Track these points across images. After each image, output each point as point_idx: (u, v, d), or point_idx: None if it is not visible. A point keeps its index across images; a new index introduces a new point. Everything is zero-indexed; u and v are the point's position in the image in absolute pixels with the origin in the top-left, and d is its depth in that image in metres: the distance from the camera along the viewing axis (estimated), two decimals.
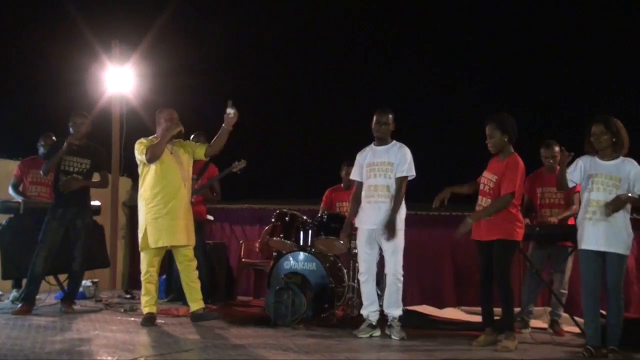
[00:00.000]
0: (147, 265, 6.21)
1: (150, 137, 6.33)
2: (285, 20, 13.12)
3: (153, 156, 6.11)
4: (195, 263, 6.36)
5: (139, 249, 6.25)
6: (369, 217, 6.05)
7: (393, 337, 5.85)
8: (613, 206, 5.14)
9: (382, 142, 6.14)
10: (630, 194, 5.18)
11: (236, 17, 13.09)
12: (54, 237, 6.76)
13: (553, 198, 6.64)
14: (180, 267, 6.35)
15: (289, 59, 13.37)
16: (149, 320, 6.07)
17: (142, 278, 6.24)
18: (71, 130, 6.89)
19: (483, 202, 5.69)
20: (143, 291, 6.24)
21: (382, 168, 6.06)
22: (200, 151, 6.38)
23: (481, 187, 5.76)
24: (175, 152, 6.28)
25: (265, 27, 13.21)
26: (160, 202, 6.12)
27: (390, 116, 6.13)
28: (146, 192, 6.20)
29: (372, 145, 6.21)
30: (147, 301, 6.22)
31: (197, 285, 6.35)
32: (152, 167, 6.17)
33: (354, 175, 6.29)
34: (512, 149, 5.68)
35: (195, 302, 6.32)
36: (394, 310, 5.96)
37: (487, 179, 5.70)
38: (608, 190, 5.23)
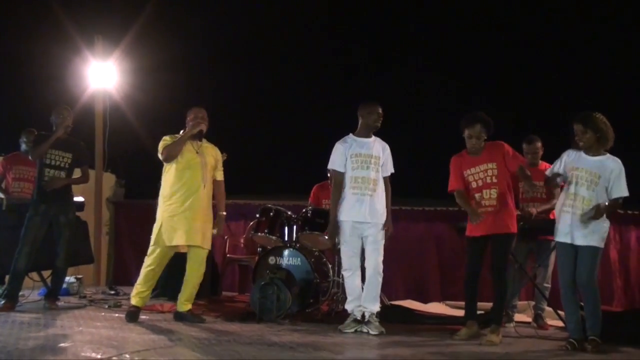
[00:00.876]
0: (154, 260, 6.12)
1: (177, 135, 6.22)
2: (269, 15, 13.12)
3: (168, 155, 6.07)
4: (203, 268, 6.26)
5: (151, 244, 6.17)
6: (354, 209, 5.96)
7: (371, 332, 5.78)
8: (592, 216, 5.21)
9: (368, 135, 6.13)
10: (607, 204, 5.26)
11: (219, 12, 13.06)
12: (37, 233, 6.72)
13: (535, 192, 6.68)
14: (189, 265, 6.21)
15: (274, 54, 13.37)
16: (133, 315, 6.02)
17: (144, 270, 6.14)
18: (55, 121, 6.83)
19: (486, 194, 5.69)
20: (140, 281, 6.15)
21: (371, 161, 6.02)
22: (219, 173, 6.40)
23: (476, 184, 5.76)
24: (202, 152, 6.18)
25: (248, 22, 13.20)
26: (178, 200, 6.05)
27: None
28: (165, 190, 6.15)
29: (352, 136, 6.14)
30: (139, 292, 6.13)
31: (196, 289, 6.26)
32: (174, 165, 6.10)
33: (338, 166, 6.08)
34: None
35: (185, 303, 6.21)
36: (372, 306, 5.92)
37: (483, 171, 5.72)
38: (586, 185, 5.29)
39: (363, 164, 6.01)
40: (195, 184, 6.07)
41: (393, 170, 6.14)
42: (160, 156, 6.16)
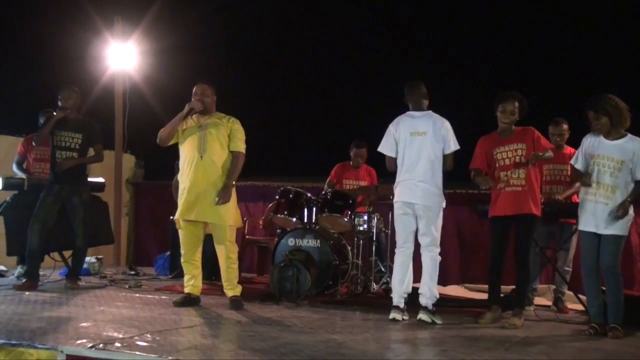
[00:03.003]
0: (181, 244, 6.04)
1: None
2: None
3: (159, 139, 6.00)
4: (235, 247, 6.01)
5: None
6: None
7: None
8: (621, 212, 5.15)
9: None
10: (629, 199, 5.20)
11: None
12: (48, 212, 6.75)
13: (558, 175, 6.64)
14: (216, 247, 5.99)
15: (296, 34, 13.29)
16: (180, 301, 5.93)
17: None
18: (59, 104, 6.86)
19: (514, 174, 5.62)
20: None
21: None
22: (233, 143, 6.00)
23: (504, 162, 5.67)
24: (207, 124, 5.97)
25: (269, 3, 13.13)
26: (182, 176, 5.97)
27: None
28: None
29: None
30: (185, 281, 6.06)
31: (226, 271, 5.96)
32: (180, 144, 6.04)
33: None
34: None
35: (226, 290, 6.03)
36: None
37: (512, 150, 5.66)
38: (609, 172, 5.22)
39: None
40: (192, 156, 5.89)
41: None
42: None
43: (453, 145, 5.68)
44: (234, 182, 5.96)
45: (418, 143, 5.67)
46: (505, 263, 5.76)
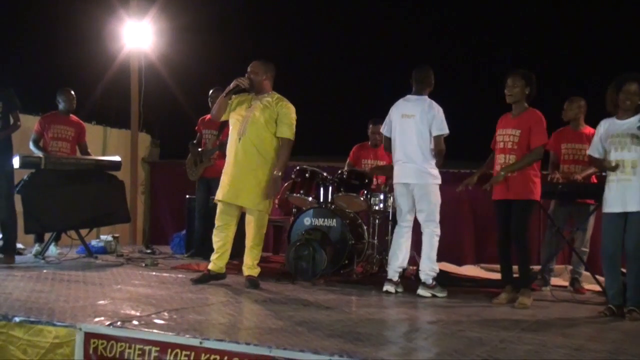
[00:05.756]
0: (216, 219, 5.97)
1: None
2: None
3: (212, 115, 6.04)
4: (262, 232, 5.94)
5: None
6: None
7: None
8: None
9: None
10: None
11: None
12: None
13: (577, 155, 6.57)
14: (246, 228, 5.95)
15: (311, 13, 13.21)
16: (198, 278, 5.93)
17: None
18: None
19: (506, 159, 5.63)
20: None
21: None
22: (279, 129, 5.83)
23: (500, 145, 5.70)
24: (254, 106, 5.84)
25: None
26: (226, 157, 5.96)
27: None
28: None
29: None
30: (212, 255, 6.02)
31: (250, 252, 5.93)
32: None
33: None
34: (526, 104, 5.68)
35: (245, 268, 5.98)
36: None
37: (509, 135, 5.64)
38: (627, 147, 5.15)
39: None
40: (233, 138, 5.85)
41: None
42: None
43: (435, 130, 5.92)
44: (280, 174, 5.82)
45: (407, 125, 5.99)
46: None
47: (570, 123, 6.65)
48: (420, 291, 5.86)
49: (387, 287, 5.94)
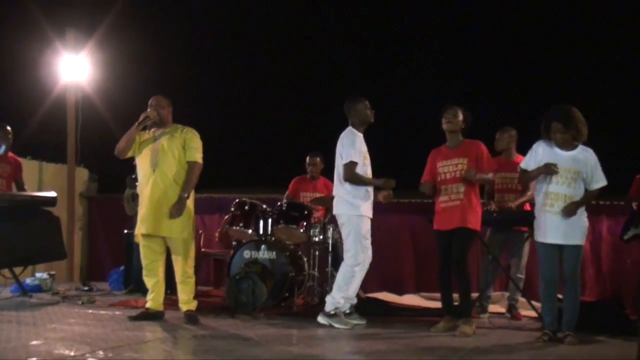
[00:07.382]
0: (142, 258, 5.92)
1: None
2: (242, 8, 13.04)
3: (116, 151, 5.92)
4: (192, 261, 5.92)
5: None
6: (370, 207, 6.12)
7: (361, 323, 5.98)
8: (573, 209, 5.25)
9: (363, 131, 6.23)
10: (584, 199, 5.32)
11: (192, 4, 12.97)
12: None
13: (510, 184, 6.72)
14: (173, 260, 5.91)
15: (250, 46, 13.29)
16: (137, 316, 5.85)
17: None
18: None
19: (457, 188, 5.72)
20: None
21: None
22: (188, 153, 5.89)
23: (446, 176, 5.79)
24: (161, 138, 5.89)
25: (223, 15, 13.11)
26: (140, 190, 5.92)
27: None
28: None
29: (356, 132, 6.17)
30: (147, 295, 5.97)
31: (181, 285, 5.89)
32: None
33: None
34: (461, 137, 5.85)
35: (186, 303, 5.92)
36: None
37: (454, 164, 5.75)
38: (567, 183, 5.30)
39: (368, 164, 6.13)
40: (146, 170, 5.86)
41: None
42: None
43: (339, 159, 6.00)
44: (187, 195, 5.82)
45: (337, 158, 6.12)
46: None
47: (503, 153, 6.81)
48: (319, 318, 5.90)
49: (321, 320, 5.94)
